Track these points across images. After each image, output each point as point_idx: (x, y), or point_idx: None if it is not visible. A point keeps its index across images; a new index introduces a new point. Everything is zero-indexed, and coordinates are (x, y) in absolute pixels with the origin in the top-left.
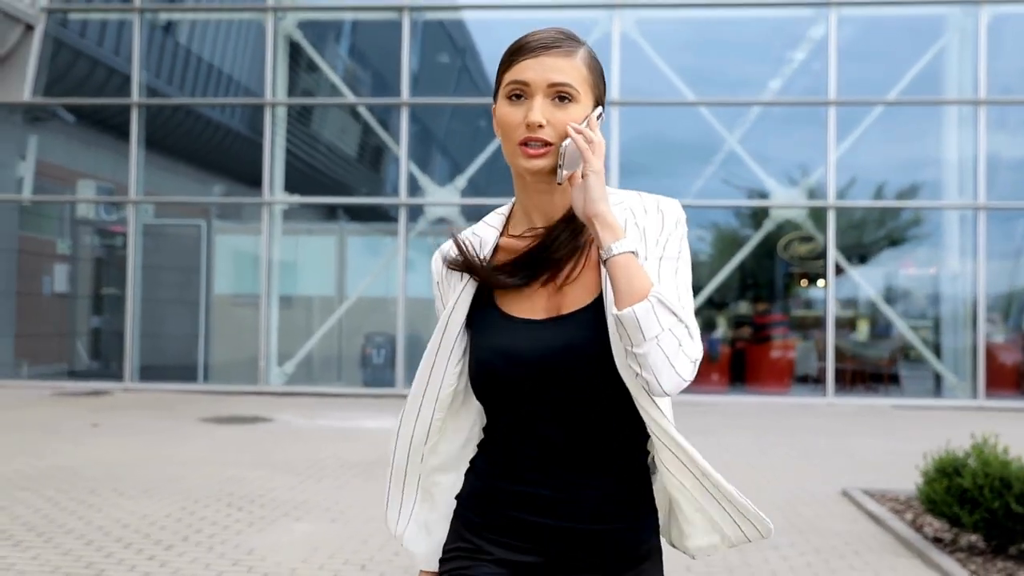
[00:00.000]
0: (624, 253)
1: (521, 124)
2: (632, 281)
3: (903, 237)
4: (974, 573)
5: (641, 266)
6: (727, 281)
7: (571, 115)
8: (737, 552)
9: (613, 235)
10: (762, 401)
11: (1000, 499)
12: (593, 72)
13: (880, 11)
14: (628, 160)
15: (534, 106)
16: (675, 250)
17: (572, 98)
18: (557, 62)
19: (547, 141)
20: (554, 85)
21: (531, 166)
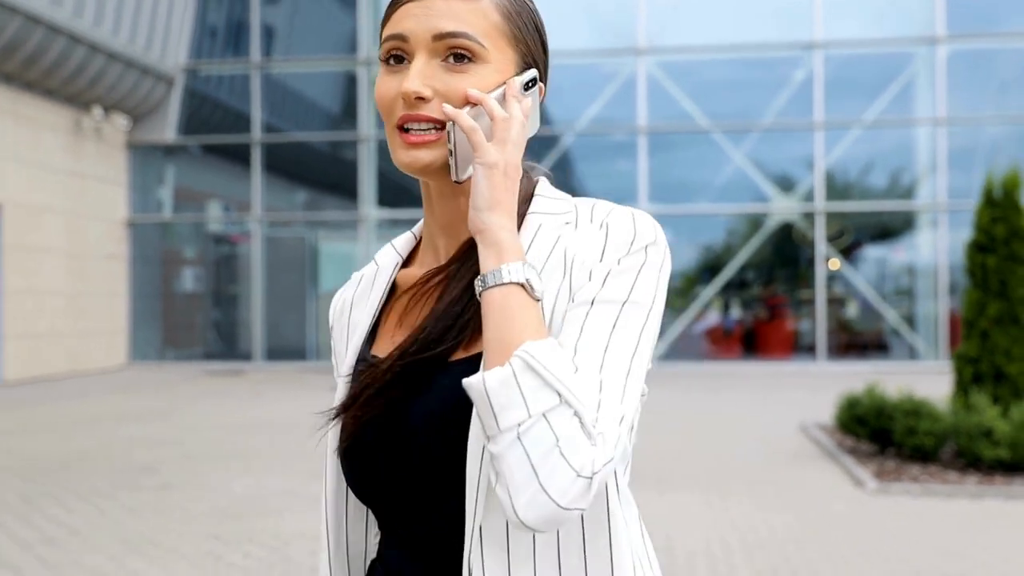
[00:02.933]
0: (503, 285)
1: (397, 98)
2: (504, 330)
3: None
4: (860, 464)
5: (530, 308)
6: (740, 270)
7: (472, 81)
8: (711, 453)
9: (496, 257)
10: (767, 367)
11: (878, 420)
12: (512, 19)
13: (856, 50)
14: (655, 179)
15: (412, 68)
16: (622, 290)
17: (474, 56)
18: (450, 5)
19: (435, 121)
20: (442, 37)
21: (409, 159)
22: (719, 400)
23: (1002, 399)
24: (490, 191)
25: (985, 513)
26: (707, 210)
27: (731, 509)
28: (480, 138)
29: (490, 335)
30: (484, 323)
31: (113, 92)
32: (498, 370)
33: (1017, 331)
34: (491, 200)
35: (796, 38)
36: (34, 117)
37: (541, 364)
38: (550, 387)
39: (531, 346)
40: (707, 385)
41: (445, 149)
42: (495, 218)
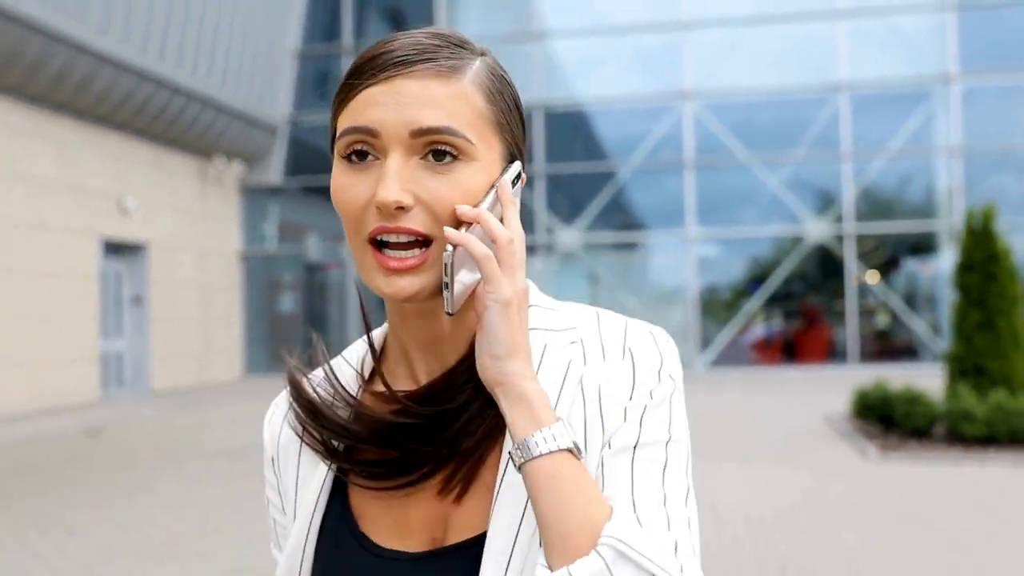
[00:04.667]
0: (553, 454)
1: (370, 204)
2: (565, 509)
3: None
4: (868, 440)
5: (585, 476)
6: (779, 285)
7: (459, 184)
8: (748, 435)
9: (531, 419)
10: (804, 371)
11: (883, 408)
12: (496, 101)
13: (879, 90)
14: (703, 204)
15: (387, 171)
16: (661, 429)
17: (459, 154)
18: (427, 89)
19: (419, 235)
20: (423, 132)
21: (392, 291)
22: (759, 398)
23: (982, 389)
24: (508, 334)
25: (963, 476)
26: (749, 232)
27: (762, 472)
28: (494, 268)
29: (548, 516)
30: (535, 501)
31: (231, 143)
32: (587, 562)
33: (994, 335)
34: (510, 345)
35: (823, 79)
36: (172, 168)
37: (635, 550)
38: (648, 574)
39: (617, 530)
40: (749, 388)
41: (430, 274)
42: (516, 366)
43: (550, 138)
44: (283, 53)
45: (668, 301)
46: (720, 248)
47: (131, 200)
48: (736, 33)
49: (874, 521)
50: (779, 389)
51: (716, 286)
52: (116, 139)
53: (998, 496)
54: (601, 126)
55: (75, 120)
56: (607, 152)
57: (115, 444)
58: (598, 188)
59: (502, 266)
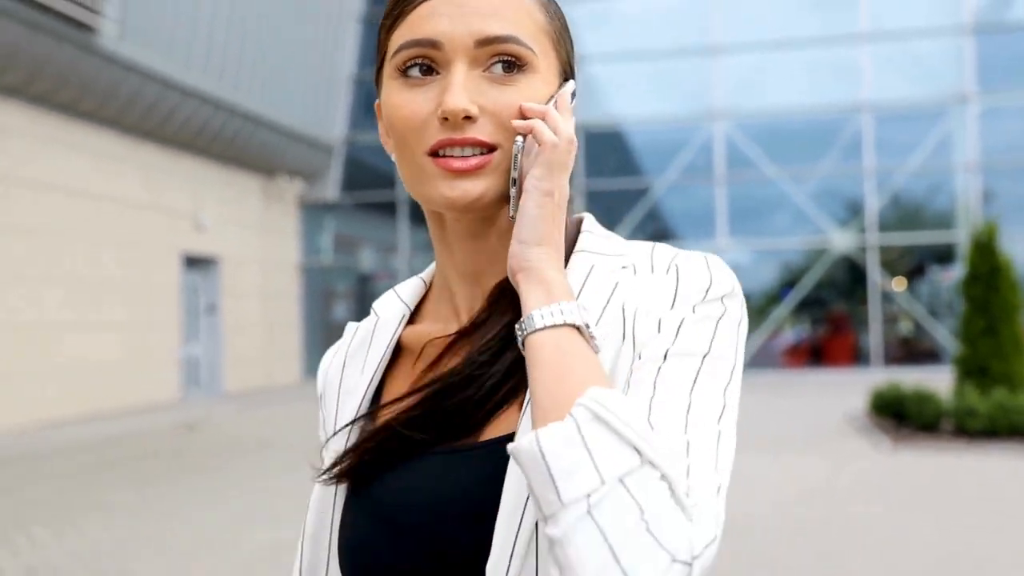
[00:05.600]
0: (556, 327)
1: (432, 117)
2: (560, 380)
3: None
4: (882, 434)
5: (591, 356)
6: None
7: (523, 94)
8: (773, 430)
9: (544, 295)
10: (831, 374)
11: (897, 405)
12: (553, 19)
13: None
14: (733, 216)
15: (454, 80)
16: (700, 341)
17: (524, 65)
18: (489, 0)
19: (485, 144)
20: (489, 42)
21: (458, 193)
22: (786, 399)
23: (985, 388)
24: (542, 223)
25: (966, 465)
26: (777, 244)
27: (786, 461)
28: (555, 159)
29: (540, 387)
30: (531, 375)
31: (292, 162)
32: (556, 426)
33: (997, 340)
34: (542, 233)
35: (847, 99)
36: (239, 186)
37: (613, 413)
38: (627, 443)
39: (598, 392)
40: (778, 390)
41: (494, 177)
42: (543, 253)
43: (589, 156)
44: (339, 79)
45: None
46: (750, 258)
47: (206, 217)
48: (763, 57)
49: (882, 501)
50: (806, 391)
51: (746, 293)
52: (192, 162)
53: (998, 482)
54: (637, 144)
55: (160, 146)
56: (642, 168)
57: (209, 437)
58: (634, 202)
59: (554, 163)
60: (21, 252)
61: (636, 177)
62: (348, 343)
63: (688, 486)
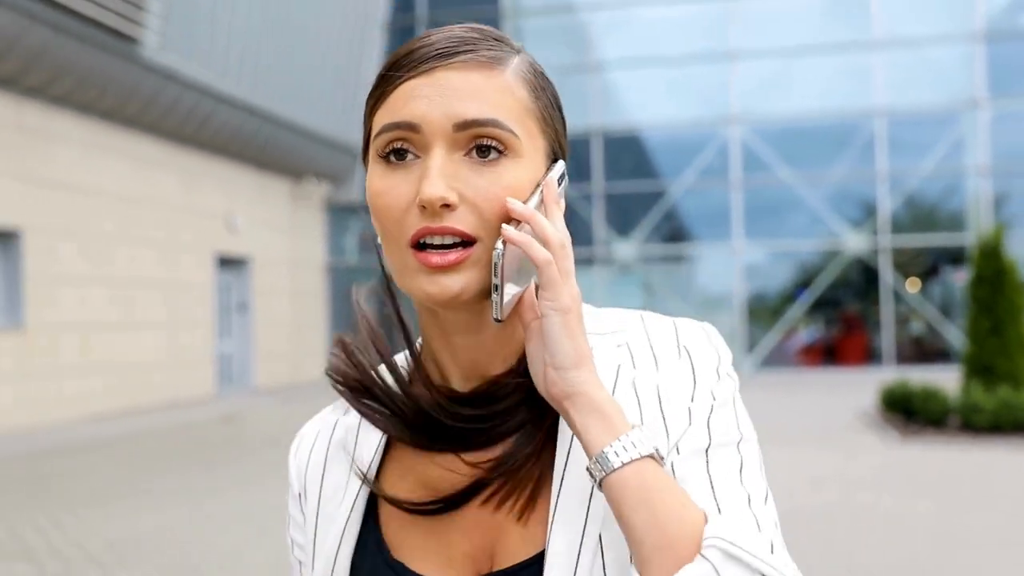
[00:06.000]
0: (636, 462)
1: (412, 205)
2: (659, 518)
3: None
4: (891, 429)
5: (671, 480)
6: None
7: (505, 182)
8: (788, 425)
9: (607, 428)
10: (844, 373)
11: (905, 402)
12: (539, 96)
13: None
14: (748, 219)
15: (431, 167)
16: (731, 429)
17: (505, 149)
18: (470, 81)
19: (465, 236)
20: (467, 125)
21: (437, 289)
22: (800, 397)
23: (990, 385)
24: (572, 343)
25: (970, 458)
26: (791, 246)
27: (799, 452)
28: (555, 273)
29: (641, 528)
30: (622, 516)
31: (318, 165)
32: (692, 568)
33: (1002, 339)
34: (576, 355)
35: (861, 105)
36: (269, 189)
37: (743, 549)
38: (757, 573)
39: (717, 528)
40: (793, 388)
41: (475, 271)
42: (585, 375)
43: (607, 159)
44: (364, 84)
45: (716, 307)
46: (765, 259)
47: (238, 219)
48: (779, 63)
49: (889, 489)
50: (819, 389)
51: (762, 293)
52: (225, 165)
53: (1000, 474)
54: (654, 148)
55: (195, 150)
56: (660, 172)
57: (246, 429)
58: (651, 204)
59: (560, 270)
60: (68, 254)
61: (653, 180)
62: (329, 434)
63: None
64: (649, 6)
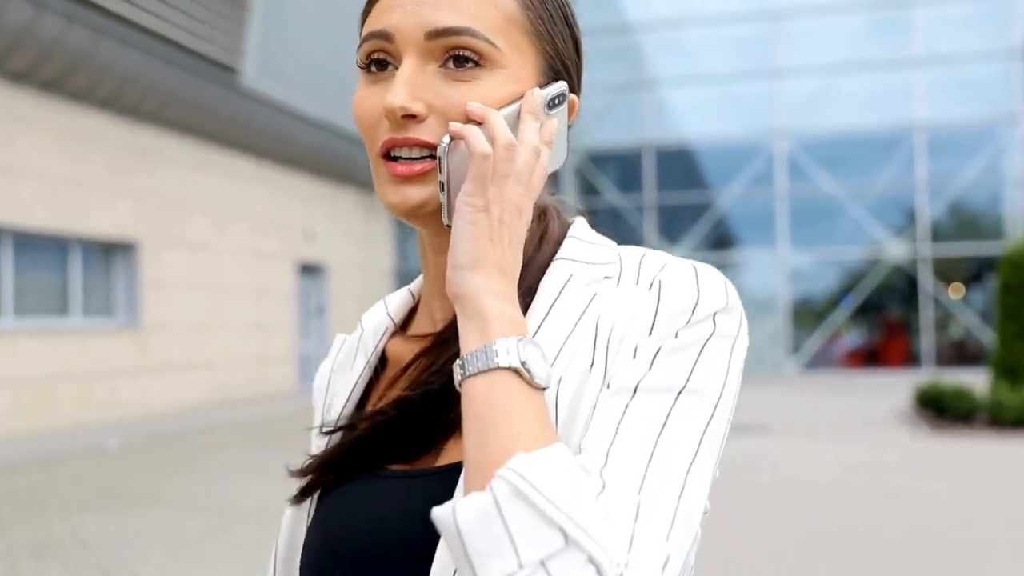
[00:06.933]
0: (488, 372)
1: (383, 117)
2: (486, 437)
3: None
4: (923, 424)
5: (527, 404)
6: (863, 299)
7: (481, 93)
8: (825, 420)
9: (480, 332)
10: (885, 375)
11: (937, 400)
12: (533, 8)
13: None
14: (794, 228)
15: (398, 76)
16: (677, 373)
17: (481, 60)
18: None
19: (431, 147)
20: (439, 34)
21: (398, 198)
22: (841, 397)
23: (1017, 385)
24: (473, 242)
25: (994, 450)
26: (835, 254)
27: (837, 443)
28: (485, 171)
29: (470, 443)
30: (464, 426)
31: None
32: (476, 497)
33: None
34: (474, 255)
35: (902, 120)
36: (344, 201)
37: (535, 488)
38: (550, 522)
39: (521, 462)
40: (834, 389)
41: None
42: (478, 280)
43: (659, 172)
44: None
45: (762, 310)
46: (810, 265)
47: (318, 229)
48: (823, 80)
49: (913, 473)
50: (861, 390)
51: (807, 298)
52: (306, 180)
53: (1020, 464)
54: (703, 161)
55: (279, 167)
56: (709, 183)
57: None
58: (700, 214)
59: (493, 171)
60: (173, 262)
61: (702, 191)
62: (335, 356)
63: (626, 562)
64: (699, 27)
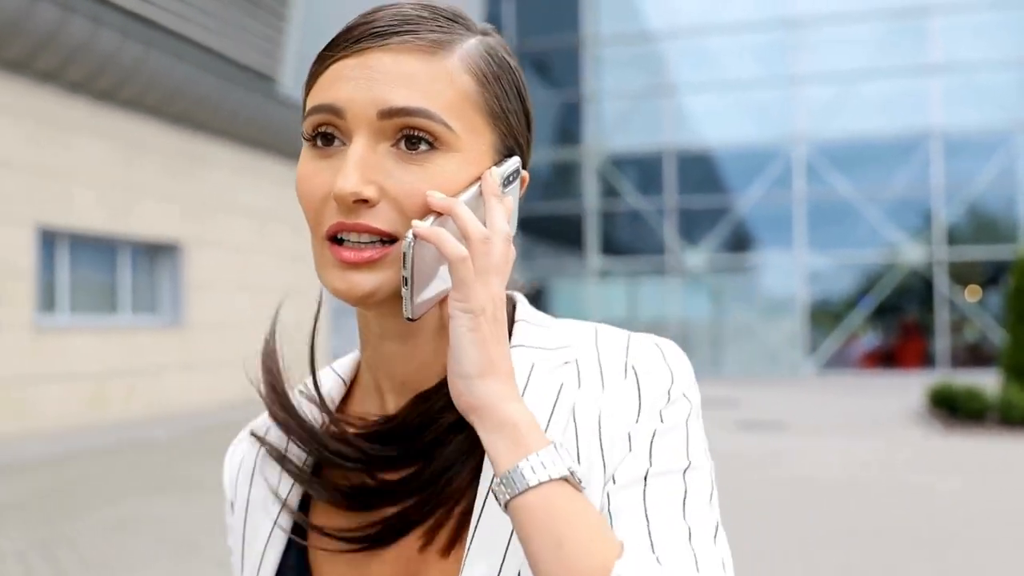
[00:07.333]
0: (544, 485)
1: (329, 198)
2: (565, 549)
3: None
4: (935, 423)
5: (586, 508)
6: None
7: (435, 177)
8: (840, 419)
9: (515, 446)
10: (901, 376)
11: (949, 400)
12: (489, 85)
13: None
14: (811, 231)
15: (348, 158)
16: (677, 456)
17: (436, 141)
18: (401, 65)
19: (383, 234)
20: (392, 114)
21: (345, 286)
22: (856, 397)
23: None
24: (480, 349)
25: (1003, 447)
26: (853, 258)
27: (850, 440)
28: (469, 272)
29: (544, 558)
30: (526, 544)
31: None
32: None
33: None
34: (483, 363)
35: (918, 126)
36: None
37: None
38: None
39: (629, 567)
40: (850, 389)
41: (393, 271)
42: (494, 387)
43: (680, 176)
44: None
45: (779, 311)
46: (827, 267)
47: None
48: (841, 87)
49: (924, 468)
50: (876, 390)
51: (824, 299)
52: None
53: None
54: (723, 165)
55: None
56: (728, 187)
57: None
58: (720, 217)
59: (479, 267)
60: (214, 262)
61: (722, 194)
62: (258, 450)
63: None
64: (720, 34)
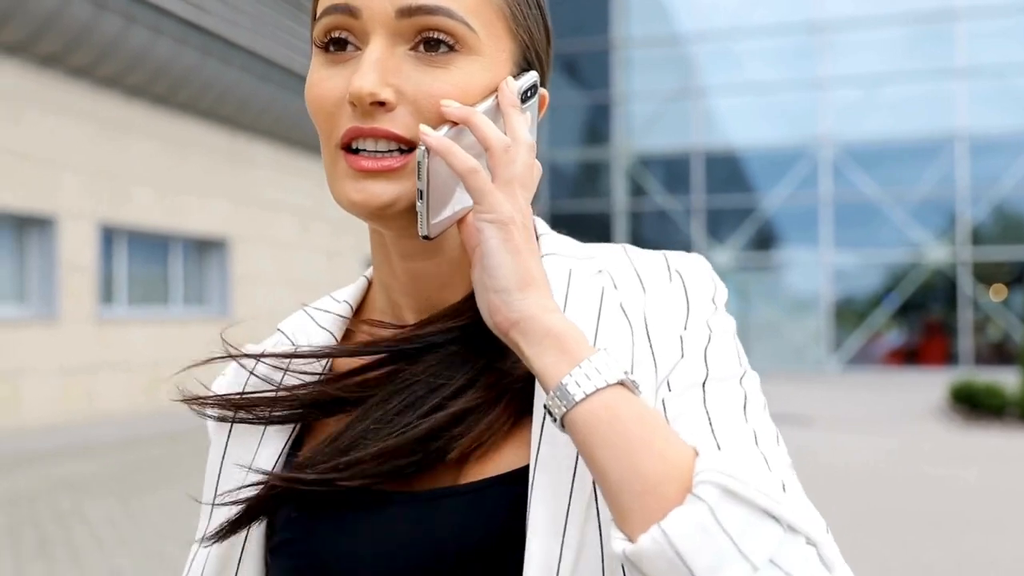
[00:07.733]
0: (602, 391)
1: (344, 100)
2: (636, 456)
3: None
4: (956, 418)
5: (649, 411)
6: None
7: (455, 80)
8: (865, 414)
9: (564, 355)
10: (925, 373)
11: (969, 396)
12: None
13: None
14: (837, 231)
15: (365, 58)
16: (731, 362)
17: (457, 44)
18: None
19: (400, 139)
20: (411, 12)
21: (361, 197)
22: (880, 393)
23: None
24: (516, 260)
25: (1017, 442)
26: (877, 256)
27: (873, 434)
28: (484, 182)
29: (617, 467)
30: (593, 457)
31: None
32: (685, 512)
33: None
34: (521, 274)
35: (943, 128)
36: None
37: (744, 483)
38: (765, 514)
39: (717, 461)
40: (874, 386)
41: (412, 184)
42: (534, 299)
43: (708, 176)
44: None
45: (804, 308)
46: (852, 267)
47: None
48: (867, 89)
49: (944, 461)
50: (900, 387)
51: (849, 298)
52: None
53: None
54: (750, 166)
55: None
56: (755, 187)
57: None
58: (746, 217)
59: (496, 179)
60: (259, 257)
61: (749, 194)
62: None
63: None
64: (747, 38)
